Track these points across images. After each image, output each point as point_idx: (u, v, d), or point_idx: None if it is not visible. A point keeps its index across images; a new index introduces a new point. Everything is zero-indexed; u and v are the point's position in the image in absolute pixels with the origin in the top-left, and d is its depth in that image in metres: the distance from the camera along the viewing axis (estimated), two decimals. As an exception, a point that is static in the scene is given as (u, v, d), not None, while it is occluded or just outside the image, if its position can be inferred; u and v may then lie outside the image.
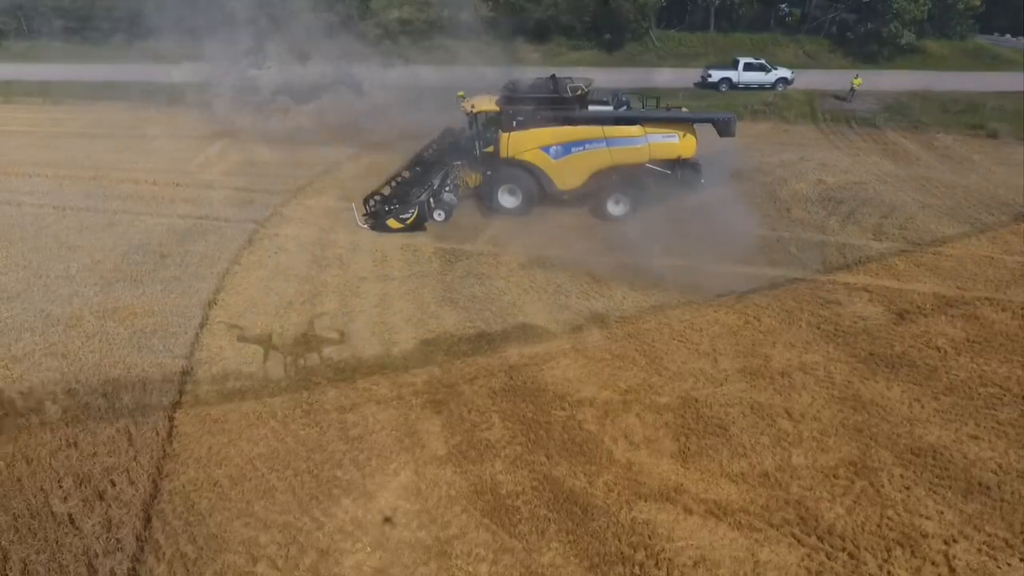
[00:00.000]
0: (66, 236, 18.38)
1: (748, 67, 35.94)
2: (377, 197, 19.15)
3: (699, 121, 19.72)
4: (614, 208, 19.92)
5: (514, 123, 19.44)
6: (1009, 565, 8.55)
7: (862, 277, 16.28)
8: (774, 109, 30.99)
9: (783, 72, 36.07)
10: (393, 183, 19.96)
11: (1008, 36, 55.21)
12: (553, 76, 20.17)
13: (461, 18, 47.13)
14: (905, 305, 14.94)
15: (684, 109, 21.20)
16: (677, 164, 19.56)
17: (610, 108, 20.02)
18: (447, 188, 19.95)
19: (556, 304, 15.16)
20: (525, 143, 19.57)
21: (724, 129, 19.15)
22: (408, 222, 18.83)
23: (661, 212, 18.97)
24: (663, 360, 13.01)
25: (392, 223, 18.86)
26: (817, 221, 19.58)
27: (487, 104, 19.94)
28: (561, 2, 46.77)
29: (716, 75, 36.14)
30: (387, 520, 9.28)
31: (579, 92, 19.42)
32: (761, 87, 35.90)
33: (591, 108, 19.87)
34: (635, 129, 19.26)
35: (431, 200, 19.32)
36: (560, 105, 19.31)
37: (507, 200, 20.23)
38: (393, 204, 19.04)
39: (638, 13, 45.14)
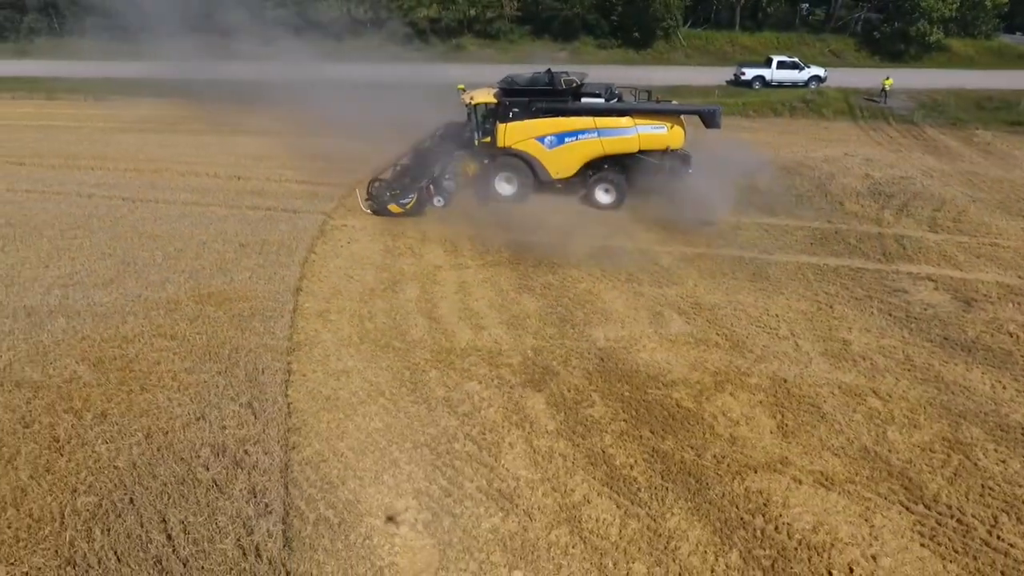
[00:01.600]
0: (143, 226, 18.95)
1: (781, 65, 36.41)
2: (379, 183, 20.02)
3: (686, 113, 20.61)
4: (603, 196, 20.79)
5: (510, 114, 20.38)
6: (1112, 532, 9.00)
7: (924, 267, 16.72)
8: (812, 106, 31.44)
9: (816, 70, 36.52)
10: (395, 170, 20.96)
11: (1029, 35, 55.40)
12: (549, 70, 21.07)
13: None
14: (971, 293, 15.37)
15: (674, 102, 22.13)
16: (666, 154, 20.22)
17: (603, 100, 20.81)
18: (447, 176, 20.90)
19: (631, 291, 15.65)
20: (521, 133, 20.54)
21: (709, 120, 19.94)
22: (408, 207, 19.77)
23: (724, 204, 19.43)
24: (745, 344, 13.48)
25: (393, 208, 19.79)
26: (871, 214, 20.04)
27: (485, 96, 20.94)
28: (588, 0, 47.24)
29: (749, 73, 36.60)
30: (513, 488, 9.77)
31: (573, 85, 20.33)
32: (794, 85, 36.34)
33: (584, 100, 20.71)
34: (625, 120, 20.06)
35: (431, 187, 20.22)
36: (554, 97, 20.25)
37: (503, 188, 21.20)
38: (394, 189, 19.90)
39: (665, 11, 45.57)
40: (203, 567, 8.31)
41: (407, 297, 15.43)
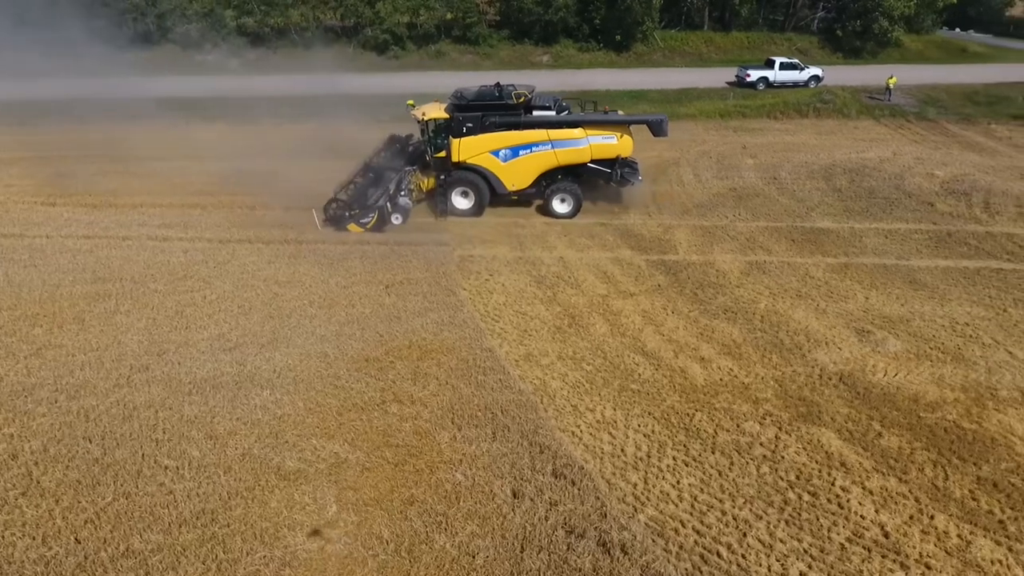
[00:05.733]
0: (258, 271, 17.15)
1: (783, 66, 37.65)
2: (336, 203, 19.67)
3: (634, 123, 21.52)
4: (560, 206, 21.47)
5: (464, 129, 20.64)
6: None
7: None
8: (832, 107, 32.75)
9: (815, 70, 38.07)
10: (348, 189, 20.50)
11: (957, 30, 60.15)
12: (498, 84, 21.43)
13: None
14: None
15: (620, 112, 23.12)
16: (617, 163, 21.15)
17: (552, 113, 21.40)
18: (402, 193, 20.82)
19: (812, 308, 15.66)
20: (475, 148, 20.87)
21: (657, 129, 20.99)
22: (368, 226, 19.59)
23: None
24: (963, 356, 13.73)
25: (353, 227, 19.57)
26: (964, 212, 21.03)
27: (437, 112, 21.19)
28: (571, 4, 47.02)
29: (754, 75, 37.62)
30: (883, 536, 9.50)
31: (522, 98, 20.81)
32: (795, 85, 37.72)
33: (535, 113, 21.24)
34: (577, 131, 20.76)
35: (388, 204, 19.97)
36: (509, 111, 20.66)
37: (460, 202, 21.46)
38: (353, 209, 19.59)
39: (645, 12, 46.06)
40: (669, 672, 7.56)
41: (599, 332, 14.76)
